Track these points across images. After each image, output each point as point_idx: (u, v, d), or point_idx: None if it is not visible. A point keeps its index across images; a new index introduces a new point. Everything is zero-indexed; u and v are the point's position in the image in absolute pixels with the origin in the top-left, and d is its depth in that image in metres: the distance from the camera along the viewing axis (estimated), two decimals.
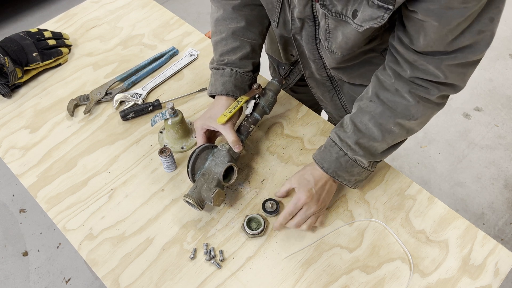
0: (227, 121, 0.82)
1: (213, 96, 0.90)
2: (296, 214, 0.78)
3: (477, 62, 0.66)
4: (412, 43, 0.64)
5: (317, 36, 0.79)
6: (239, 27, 0.87)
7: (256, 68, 0.92)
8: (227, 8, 0.86)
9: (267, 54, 1.13)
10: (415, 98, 0.70)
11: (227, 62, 0.87)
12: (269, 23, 0.91)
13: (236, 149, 0.83)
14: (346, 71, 0.87)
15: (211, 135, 0.89)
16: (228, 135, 0.82)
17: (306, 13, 0.75)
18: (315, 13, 0.74)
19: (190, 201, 0.78)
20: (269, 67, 1.21)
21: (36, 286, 1.66)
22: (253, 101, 0.88)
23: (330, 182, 0.81)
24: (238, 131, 0.87)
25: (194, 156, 0.82)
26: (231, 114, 0.84)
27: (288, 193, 0.86)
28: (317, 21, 0.76)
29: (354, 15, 0.63)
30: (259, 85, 0.90)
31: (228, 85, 0.86)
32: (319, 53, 0.84)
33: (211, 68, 0.90)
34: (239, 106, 0.85)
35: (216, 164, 0.82)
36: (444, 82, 0.67)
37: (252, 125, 0.88)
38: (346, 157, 0.77)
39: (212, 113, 0.85)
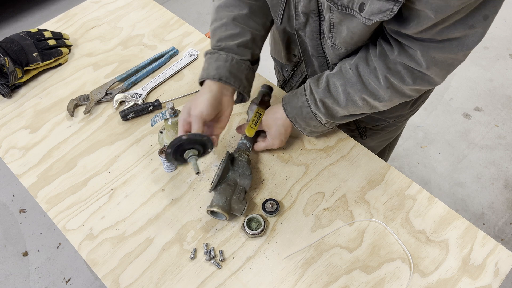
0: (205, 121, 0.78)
1: (202, 84, 0.82)
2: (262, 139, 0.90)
3: (461, 61, 0.67)
4: (401, 28, 0.64)
5: (321, 31, 0.79)
6: (241, 14, 0.82)
7: (256, 60, 0.87)
8: None
9: (272, 56, 1.13)
10: (386, 84, 0.72)
11: (224, 47, 0.81)
12: (273, 19, 0.89)
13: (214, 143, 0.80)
14: None
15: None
16: (194, 125, 0.77)
17: (311, 7, 0.75)
18: (320, 7, 0.74)
19: (221, 212, 0.78)
20: (275, 69, 1.21)
21: (36, 286, 1.66)
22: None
23: (287, 122, 0.86)
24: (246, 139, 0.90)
25: (223, 165, 0.81)
26: (256, 126, 0.89)
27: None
28: (321, 16, 0.76)
29: (361, 8, 0.63)
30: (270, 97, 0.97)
31: (223, 70, 0.79)
32: (322, 49, 0.84)
33: (206, 54, 0.83)
34: (261, 118, 0.90)
35: (241, 175, 0.83)
36: (424, 72, 0.68)
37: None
38: (309, 109, 0.81)
39: (192, 100, 0.79)
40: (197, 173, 0.76)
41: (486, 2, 0.57)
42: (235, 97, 0.87)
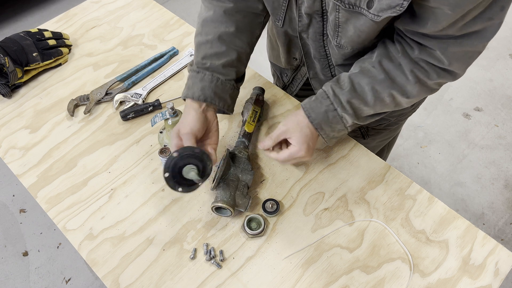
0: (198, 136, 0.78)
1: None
2: (284, 151, 0.81)
3: (479, 52, 0.67)
4: (419, 28, 0.64)
5: (324, 32, 0.79)
6: (227, 32, 0.81)
7: (240, 78, 0.87)
8: (218, 10, 0.81)
9: (270, 62, 1.13)
10: (414, 78, 0.71)
11: (209, 67, 0.81)
12: (260, 34, 0.88)
13: (212, 157, 0.78)
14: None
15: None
16: (186, 142, 0.76)
17: (315, 8, 0.74)
18: (324, 8, 0.74)
19: (226, 207, 0.79)
20: (273, 75, 1.20)
21: (36, 286, 1.66)
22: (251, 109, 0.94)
23: (317, 134, 0.81)
24: (244, 137, 0.90)
25: (224, 162, 0.81)
26: (254, 123, 0.91)
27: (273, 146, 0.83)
28: (325, 16, 0.75)
29: (369, 5, 0.62)
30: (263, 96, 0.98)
31: (208, 91, 0.79)
32: (325, 50, 0.83)
33: (190, 70, 0.83)
34: (258, 114, 0.92)
35: (242, 171, 0.84)
36: (446, 68, 0.68)
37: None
38: (335, 112, 0.77)
39: (180, 121, 0.79)
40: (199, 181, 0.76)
41: None
42: (221, 131, 0.88)
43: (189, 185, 0.76)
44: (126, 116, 0.99)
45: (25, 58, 1.03)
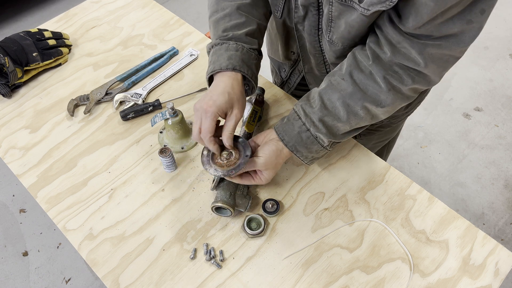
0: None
1: (210, 81, 0.80)
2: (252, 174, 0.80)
3: (457, 58, 0.66)
4: (400, 22, 0.63)
5: (320, 26, 0.78)
6: (244, 3, 0.81)
7: (260, 51, 0.85)
8: None
9: (269, 56, 1.13)
10: (387, 86, 0.69)
11: (232, 37, 0.78)
12: (271, 11, 0.88)
13: (227, 143, 0.75)
14: None
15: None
16: (230, 125, 0.74)
17: (310, 0, 0.74)
18: (319, 0, 0.74)
19: (226, 207, 0.79)
20: (271, 71, 1.20)
21: (36, 286, 1.66)
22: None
23: (287, 154, 0.79)
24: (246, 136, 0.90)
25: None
26: (255, 123, 0.91)
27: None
28: (321, 9, 0.75)
29: None
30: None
31: (235, 59, 0.76)
32: (320, 46, 0.83)
33: (212, 47, 0.80)
34: (258, 114, 0.92)
35: None
36: (421, 71, 0.67)
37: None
38: (308, 133, 0.75)
39: (214, 94, 0.74)
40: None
41: None
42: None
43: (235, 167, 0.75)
44: (126, 116, 0.99)
45: (25, 58, 1.03)
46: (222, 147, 0.78)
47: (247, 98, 0.97)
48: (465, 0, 0.56)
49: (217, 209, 0.82)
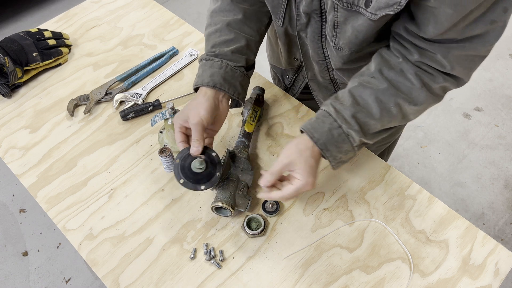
0: (203, 123, 0.75)
1: (197, 90, 0.82)
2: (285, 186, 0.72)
3: (483, 57, 0.65)
4: (420, 31, 0.62)
5: (323, 33, 0.78)
6: (235, 20, 0.82)
7: (250, 66, 0.86)
8: (225, 0, 0.83)
9: (270, 64, 1.12)
10: (419, 82, 0.68)
11: (218, 53, 0.80)
12: (269, 22, 0.88)
13: (192, 150, 0.74)
14: (351, 74, 0.83)
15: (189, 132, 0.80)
16: (194, 133, 0.75)
17: (313, 7, 0.73)
18: (322, 7, 0.73)
19: (226, 207, 0.79)
20: (273, 79, 1.19)
21: (36, 286, 1.66)
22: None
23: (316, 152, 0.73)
24: (244, 137, 0.90)
25: (224, 162, 0.81)
26: (255, 122, 0.91)
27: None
28: (324, 16, 0.74)
29: (367, 4, 0.62)
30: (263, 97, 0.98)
31: (217, 77, 0.78)
32: (323, 52, 0.82)
33: (200, 61, 0.83)
34: (258, 114, 0.92)
35: (242, 171, 0.84)
36: (449, 73, 0.66)
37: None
38: (340, 129, 0.71)
39: (190, 108, 0.77)
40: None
41: None
42: (230, 102, 0.85)
43: (208, 180, 0.76)
44: (126, 116, 0.99)
45: (25, 58, 1.03)
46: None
47: (247, 98, 0.97)
48: (486, 2, 0.55)
49: (217, 209, 0.82)
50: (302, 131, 0.75)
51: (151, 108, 1.00)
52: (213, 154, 0.79)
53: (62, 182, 0.90)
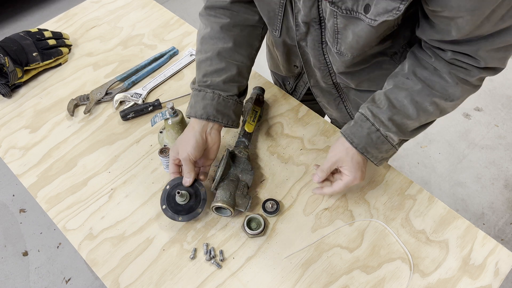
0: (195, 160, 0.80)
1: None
2: (335, 182, 0.79)
3: None
4: (444, 37, 0.63)
5: (323, 40, 0.77)
6: (226, 48, 0.81)
7: (243, 92, 0.86)
8: (215, 27, 0.82)
9: (271, 70, 1.12)
10: (454, 80, 0.69)
11: (210, 84, 0.81)
12: (259, 45, 0.88)
13: (184, 181, 0.80)
14: (355, 76, 0.85)
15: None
16: (185, 167, 0.80)
17: (312, 16, 0.73)
18: (321, 15, 0.72)
19: (226, 207, 0.79)
20: (275, 83, 1.19)
21: (36, 286, 1.66)
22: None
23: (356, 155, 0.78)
24: (244, 136, 0.90)
25: (224, 162, 0.81)
26: (255, 122, 0.92)
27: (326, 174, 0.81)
28: (323, 23, 0.74)
29: (366, 9, 0.62)
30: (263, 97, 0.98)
31: (210, 109, 0.79)
32: (325, 58, 0.82)
33: (192, 89, 0.83)
34: (258, 114, 0.93)
35: (242, 171, 0.85)
36: (484, 67, 0.66)
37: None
38: (378, 133, 0.74)
39: (180, 142, 0.80)
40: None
41: None
42: (222, 131, 0.88)
43: (187, 213, 0.81)
44: (126, 116, 0.99)
45: (25, 58, 1.03)
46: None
47: (247, 98, 0.97)
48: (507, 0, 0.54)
49: (217, 209, 0.82)
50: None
51: (151, 108, 1.00)
52: (202, 189, 0.82)
53: (62, 182, 0.90)
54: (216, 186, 0.82)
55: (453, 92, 0.70)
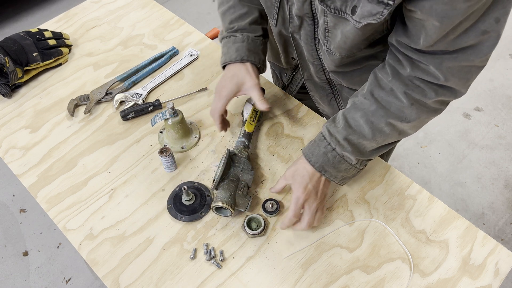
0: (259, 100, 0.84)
1: (224, 67, 0.89)
2: (301, 216, 0.79)
3: (480, 67, 0.64)
4: (412, 43, 0.63)
5: (316, 36, 0.78)
6: None
7: (266, 33, 0.91)
8: None
9: (270, 62, 1.13)
10: (409, 100, 0.68)
11: (237, 29, 0.86)
12: None
13: (263, 107, 0.84)
14: (346, 76, 0.85)
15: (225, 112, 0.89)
16: (255, 94, 0.84)
17: (304, 11, 0.74)
18: (314, 11, 0.73)
19: (227, 207, 0.79)
20: (272, 76, 1.20)
21: (36, 286, 1.66)
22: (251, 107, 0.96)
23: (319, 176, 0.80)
24: (245, 136, 0.91)
25: (224, 162, 0.82)
26: (255, 122, 0.93)
27: (283, 189, 0.85)
28: (316, 20, 0.75)
29: (353, 11, 0.62)
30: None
31: (242, 50, 0.85)
32: (318, 54, 0.83)
33: (222, 39, 0.89)
34: (258, 114, 0.95)
35: (242, 171, 0.85)
36: (443, 85, 0.66)
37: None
38: (334, 152, 0.75)
39: (237, 80, 0.84)
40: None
41: (495, 4, 0.55)
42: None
43: (190, 214, 0.83)
44: (126, 116, 0.99)
45: (25, 58, 1.03)
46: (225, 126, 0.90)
47: (247, 98, 0.97)
48: (476, 12, 0.55)
49: (217, 209, 0.82)
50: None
51: (151, 108, 1.00)
52: (208, 196, 0.86)
53: (62, 182, 0.90)
54: (216, 186, 0.82)
55: (409, 114, 0.70)
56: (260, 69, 0.89)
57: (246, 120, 0.93)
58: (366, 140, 0.74)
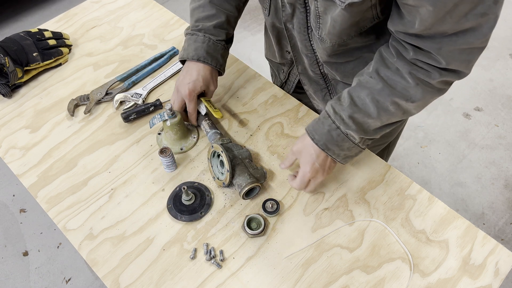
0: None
1: (183, 62, 0.93)
2: (308, 184, 0.83)
3: (481, 48, 0.64)
4: (408, 29, 0.63)
5: (308, 24, 0.79)
6: None
7: (230, 39, 0.94)
8: None
9: (267, 59, 1.13)
10: (414, 80, 0.69)
11: (201, 28, 0.89)
12: (246, 0, 0.95)
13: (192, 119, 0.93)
14: (340, 69, 0.85)
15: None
16: (190, 106, 0.91)
17: None
18: None
19: (256, 185, 0.83)
20: (271, 75, 1.20)
21: (36, 286, 1.66)
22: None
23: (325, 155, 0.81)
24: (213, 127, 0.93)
25: (226, 155, 0.82)
26: (217, 109, 0.94)
27: (292, 164, 0.86)
28: (308, 6, 0.75)
29: None
30: None
31: (200, 51, 0.88)
32: (311, 45, 0.83)
33: (185, 34, 0.92)
34: (210, 101, 0.96)
35: (239, 152, 0.89)
36: (446, 68, 0.66)
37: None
38: (338, 130, 0.76)
39: (191, 80, 0.89)
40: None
41: None
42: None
43: (189, 214, 0.84)
44: (128, 117, 0.98)
45: (25, 58, 1.03)
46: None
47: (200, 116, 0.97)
48: None
49: (247, 194, 0.85)
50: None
51: (152, 108, 1.00)
52: (208, 195, 0.86)
53: (62, 182, 0.90)
54: (231, 178, 0.84)
55: (414, 93, 0.70)
56: (219, 73, 0.94)
57: (206, 112, 0.94)
58: (371, 119, 0.74)
